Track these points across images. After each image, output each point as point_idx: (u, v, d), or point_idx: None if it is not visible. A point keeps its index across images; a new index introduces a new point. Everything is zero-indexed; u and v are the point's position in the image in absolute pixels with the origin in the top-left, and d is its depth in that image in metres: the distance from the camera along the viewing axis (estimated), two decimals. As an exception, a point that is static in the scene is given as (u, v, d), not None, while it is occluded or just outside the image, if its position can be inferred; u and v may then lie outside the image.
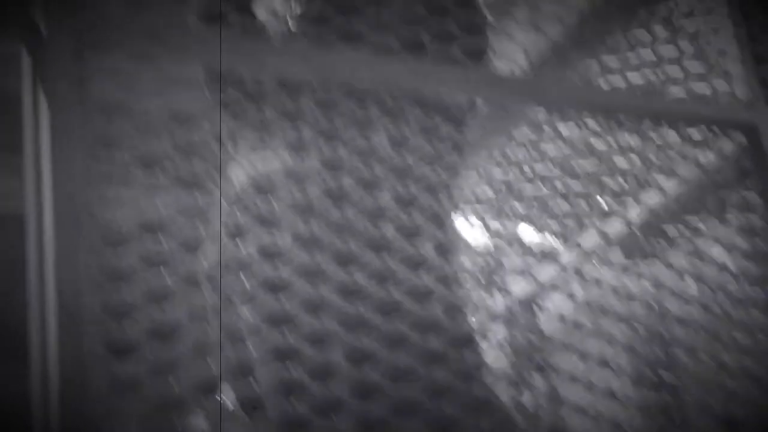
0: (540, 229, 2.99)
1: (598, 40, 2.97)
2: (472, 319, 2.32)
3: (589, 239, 2.86)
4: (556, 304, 2.80)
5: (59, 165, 1.95)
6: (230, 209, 2.24)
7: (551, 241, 2.95)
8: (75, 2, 2.03)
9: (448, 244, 2.26)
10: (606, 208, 2.88)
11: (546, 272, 2.88)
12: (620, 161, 2.81)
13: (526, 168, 2.92)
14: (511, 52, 3.08)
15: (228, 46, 2.21)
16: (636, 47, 2.94)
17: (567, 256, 2.88)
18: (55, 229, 1.91)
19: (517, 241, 2.89)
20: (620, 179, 2.82)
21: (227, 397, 2.13)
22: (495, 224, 3.00)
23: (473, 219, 3.02)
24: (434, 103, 2.36)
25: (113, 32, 2.06)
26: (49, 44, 1.99)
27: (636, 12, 2.98)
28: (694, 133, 2.68)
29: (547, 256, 2.86)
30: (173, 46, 2.13)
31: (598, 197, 2.90)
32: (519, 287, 2.93)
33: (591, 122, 2.73)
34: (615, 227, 2.88)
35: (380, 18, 2.32)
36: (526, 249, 2.88)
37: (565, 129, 2.81)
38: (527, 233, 3.01)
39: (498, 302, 2.86)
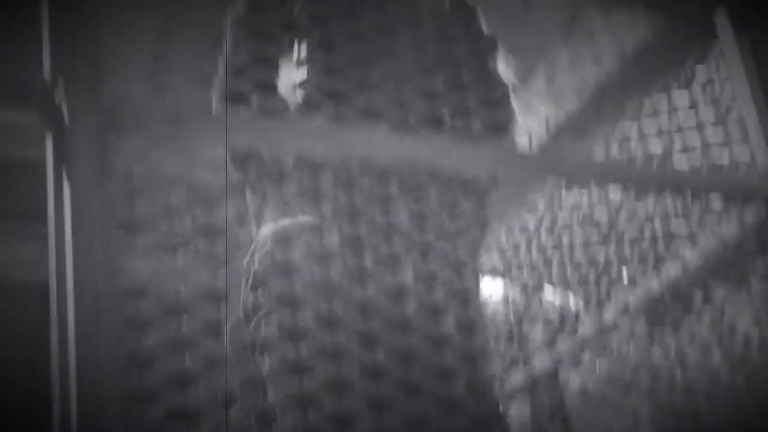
0: (562, 300, 2.98)
1: (617, 109, 2.98)
2: (497, 396, 2.31)
3: (612, 310, 2.85)
4: (579, 376, 2.79)
5: (80, 247, 1.97)
6: (250, 288, 2.24)
7: (574, 311, 2.94)
8: (97, 85, 2.05)
9: (471, 321, 2.26)
10: (627, 278, 2.87)
11: (569, 344, 2.86)
12: (641, 231, 2.80)
13: (546, 239, 2.92)
14: (530, 124, 3.09)
15: (247, 125, 2.23)
16: (655, 115, 2.95)
17: (589, 327, 2.87)
18: (76, 309, 1.92)
19: (540, 313, 2.88)
20: (642, 248, 2.81)
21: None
22: (518, 296, 2.99)
23: (496, 292, 3.01)
24: (454, 178, 2.36)
25: (135, 115, 2.08)
26: (72, 127, 2.00)
27: (654, 80, 2.99)
28: (715, 203, 2.67)
29: (570, 327, 2.85)
30: (195, 128, 2.15)
31: (622, 268, 2.89)
32: (543, 360, 2.92)
33: (611, 192, 2.72)
34: (637, 297, 2.86)
35: (399, 94, 2.33)
36: (549, 321, 2.86)
37: (586, 200, 2.81)
38: (550, 304, 3.00)
39: (521, 376, 2.84)
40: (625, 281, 2.84)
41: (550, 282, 3.00)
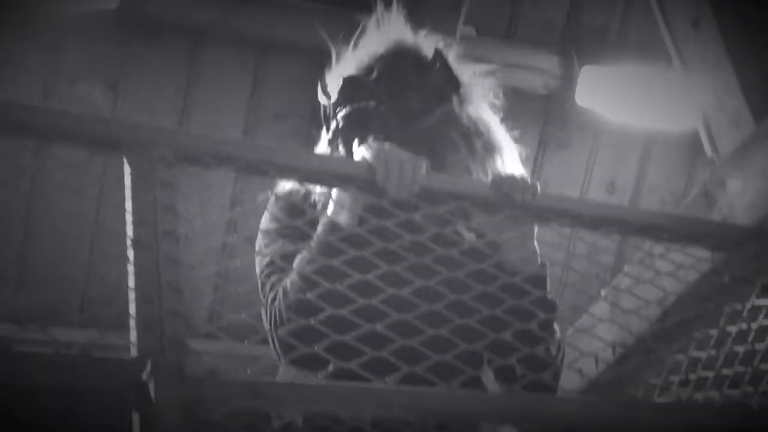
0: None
1: (673, 345, 3.03)
2: None
3: None
4: None
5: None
6: None
7: None
8: (182, 365, 2.19)
9: None
10: None
11: None
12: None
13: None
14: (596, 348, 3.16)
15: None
16: (710, 351, 2.97)
17: None
18: None
19: None
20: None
21: None
22: None
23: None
24: None
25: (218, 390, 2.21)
26: (159, 408, 2.14)
27: (713, 314, 3.02)
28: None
29: None
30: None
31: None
32: None
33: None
34: None
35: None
36: None
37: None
38: None
39: None
40: None
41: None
